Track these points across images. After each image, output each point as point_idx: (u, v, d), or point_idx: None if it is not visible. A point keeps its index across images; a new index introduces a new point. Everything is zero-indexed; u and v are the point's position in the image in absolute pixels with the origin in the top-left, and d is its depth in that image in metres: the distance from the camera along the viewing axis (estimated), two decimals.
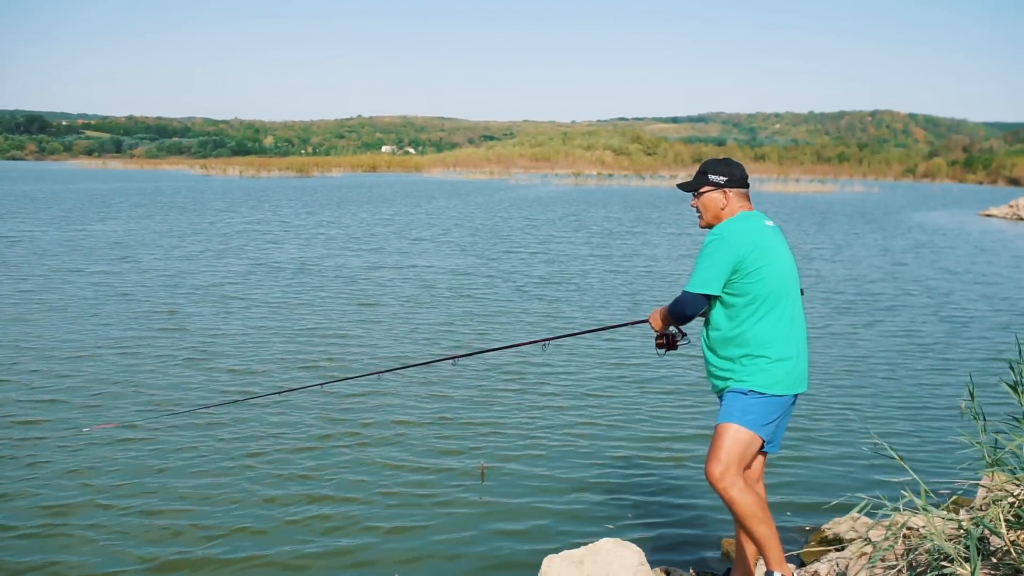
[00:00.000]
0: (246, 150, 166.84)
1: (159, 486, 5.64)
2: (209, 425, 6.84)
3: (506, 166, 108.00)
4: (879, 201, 52.66)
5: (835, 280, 15.93)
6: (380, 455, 6.30)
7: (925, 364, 9.43)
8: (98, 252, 17.85)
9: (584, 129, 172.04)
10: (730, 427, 3.56)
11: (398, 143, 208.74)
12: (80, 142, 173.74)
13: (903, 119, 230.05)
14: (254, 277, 14.80)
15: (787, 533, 4.90)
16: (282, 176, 78.61)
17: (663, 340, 3.99)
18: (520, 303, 12.72)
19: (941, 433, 6.92)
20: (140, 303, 12.04)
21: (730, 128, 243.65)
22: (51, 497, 5.43)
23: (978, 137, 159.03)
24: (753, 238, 3.58)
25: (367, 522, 5.21)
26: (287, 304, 12.22)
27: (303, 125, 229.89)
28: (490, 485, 5.81)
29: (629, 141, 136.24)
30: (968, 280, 16.49)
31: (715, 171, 3.76)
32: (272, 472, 5.92)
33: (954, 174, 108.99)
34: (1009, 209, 39.84)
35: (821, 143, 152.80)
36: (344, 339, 10.08)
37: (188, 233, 22.59)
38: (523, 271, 16.28)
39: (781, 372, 3.56)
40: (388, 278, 15.06)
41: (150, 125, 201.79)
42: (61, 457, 6.08)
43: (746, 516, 3.51)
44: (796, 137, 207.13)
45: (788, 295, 3.63)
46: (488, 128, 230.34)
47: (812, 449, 6.58)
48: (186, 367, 8.63)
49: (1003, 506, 3.34)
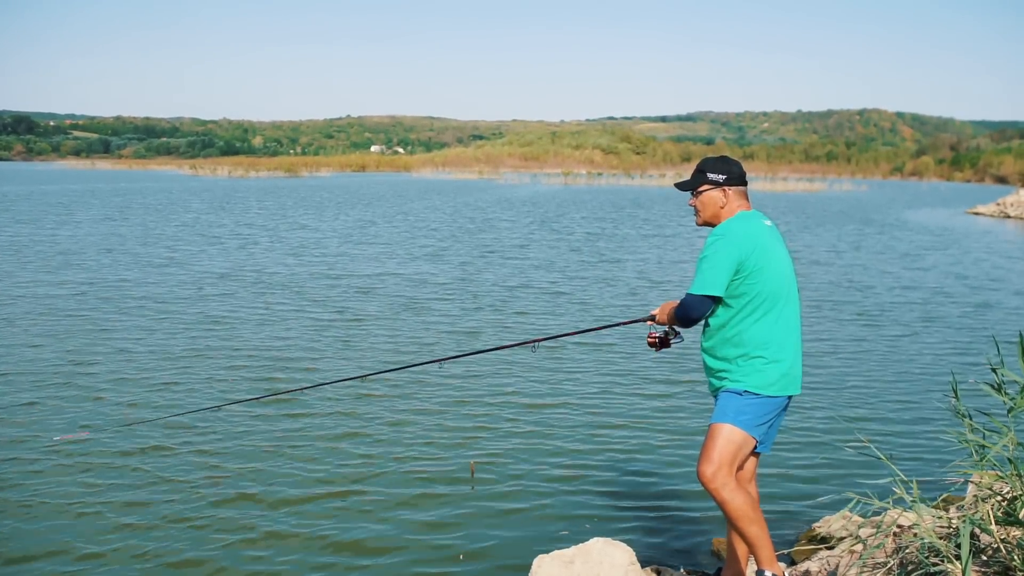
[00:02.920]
0: (235, 150, 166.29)
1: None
2: (191, 432, 6.80)
3: (495, 166, 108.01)
4: (867, 200, 52.86)
5: (823, 280, 15.98)
6: (368, 455, 6.28)
7: (914, 363, 9.46)
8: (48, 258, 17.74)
9: (573, 128, 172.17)
10: (724, 427, 3.54)
11: (387, 143, 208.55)
12: (68, 142, 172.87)
13: (891, 118, 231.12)
14: (211, 286, 14.73)
15: (778, 532, 4.90)
16: (271, 176, 78.39)
17: (655, 338, 3.96)
18: (511, 305, 12.71)
19: (931, 432, 6.94)
20: (65, 315, 11.96)
21: (719, 127, 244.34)
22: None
23: (965, 135, 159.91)
24: (755, 238, 3.56)
25: (355, 521, 5.19)
26: (270, 307, 12.18)
27: (292, 125, 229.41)
28: (480, 485, 5.79)
29: (618, 140, 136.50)
30: (956, 279, 16.55)
31: (714, 169, 3.74)
32: (258, 475, 5.90)
33: (941, 172, 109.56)
34: (996, 207, 40.07)
35: (809, 142, 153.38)
36: (309, 348, 10.05)
37: (146, 239, 22.47)
38: (515, 273, 16.27)
39: (777, 373, 3.55)
40: (378, 284, 15.02)
41: (138, 125, 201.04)
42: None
43: (737, 516, 3.50)
44: (784, 136, 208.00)
45: (786, 296, 3.61)
46: (477, 128, 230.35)
47: (802, 448, 6.59)
48: (141, 379, 8.58)
49: (992, 504, 3.34)
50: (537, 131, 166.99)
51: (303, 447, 6.43)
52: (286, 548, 4.86)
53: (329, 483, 5.77)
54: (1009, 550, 3.08)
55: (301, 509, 5.36)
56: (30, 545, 4.80)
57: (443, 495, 5.62)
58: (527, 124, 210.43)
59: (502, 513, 5.37)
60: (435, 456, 6.31)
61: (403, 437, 6.69)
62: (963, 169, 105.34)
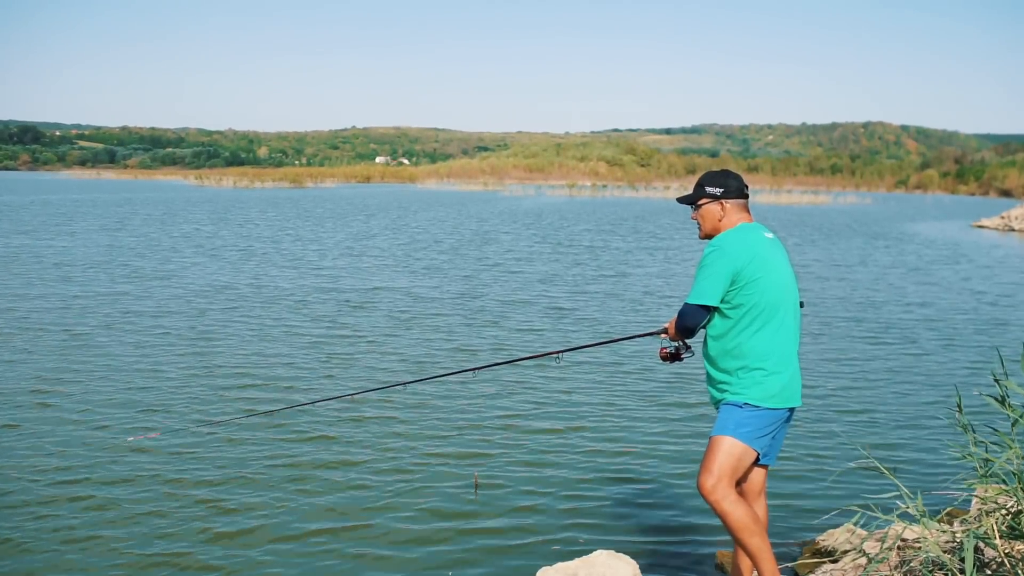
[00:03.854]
0: (240, 161, 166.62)
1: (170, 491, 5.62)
2: (189, 443, 6.82)
3: (500, 177, 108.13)
4: (872, 213, 52.83)
5: (826, 293, 15.97)
6: (372, 466, 6.28)
7: (920, 377, 9.44)
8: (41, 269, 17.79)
9: (578, 140, 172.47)
10: (724, 440, 3.56)
11: (392, 154, 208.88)
12: (73, 152, 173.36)
13: (895, 130, 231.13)
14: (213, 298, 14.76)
15: (781, 545, 4.89)
16: (276, 187, 78.58)
17: (667, 353, 4.00)
18: (526, 318, 12.72)
19: (935, 446, 6.93)
20: (38, 328, 11.98)
21: (723, 139, 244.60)
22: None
23: (970, 149, 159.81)
24: (751, 249, 3.59)
25: (358, 533, 5.19)
26: (255, 320, 12.19)
27: (297, 136, 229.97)
28: (484, 497, 5.79)
29: (623, 152, 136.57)
30: (961, 292, 16.53)
31: (712, 183, 3.80)
32: (261, 483, 5.90)
33: (946, 185, 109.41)
34: (1001, 220, 40.01)
35: (814, 154, 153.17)
36: (323, 358, 10.06)
37: (141, 250, 22.54)
38: (521, 287, 16.29)
39: (777, 386, 3.57)
40: (385, 297, 15.04)
41: (144, 135, 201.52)
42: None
43: (738, 528, 3.51)
44: (789, 148, 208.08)
45: (786, 307, 3.64)
46: (482, 139, 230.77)
47: (805, 461, 6.58)
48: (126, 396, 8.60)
49: (996, 517, 3.34)
50: (542, 143, 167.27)
51: (302, 459, 6.44)
52: (284, 561, 4.86)
53: (330, 495, 5.77)
54: (1013, 564, 3.08)
55: (300, 522, 5.36)
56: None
57: (447, 507, 5.62)
58: (532, 136, 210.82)
59: (506, 525, 5.37)
60: (439, 468, 6.31)
61: (407, 448, 6.69)
62: (968, 182, 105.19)
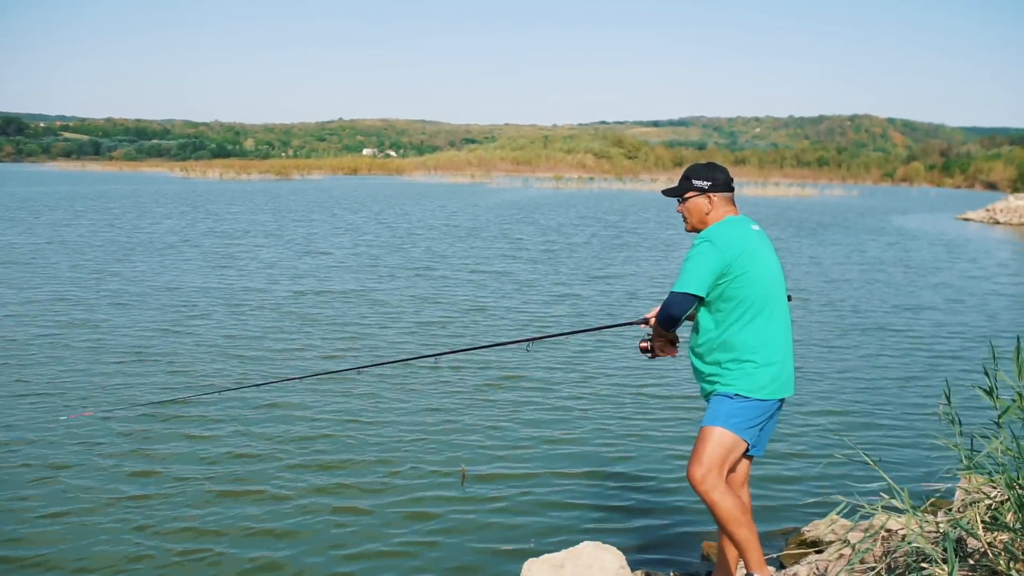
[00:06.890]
0: (226, 152, 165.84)
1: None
2: (175, 424, 6.79)
3: (487, 169, 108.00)
4: (859, 205, 53.04)
5: (814, 286, 16.02)
6: (359, 458, 6.27)
7: (905, 369, 9.49)
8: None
9: (565, 133, 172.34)
10: (714, 430, 3.56)
11: (379, 146, 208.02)
12: (58, 144, 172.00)
13: (882, 123, 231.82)
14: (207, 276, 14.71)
15: (767, 535, 4.91)
16: (262, 179, 78.25)
17: (647, 344, 3.96)
18: (506, 302, 12.72)
19: (920, 437, 6.97)
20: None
21: (710, 132, 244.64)
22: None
23: (956, 142, 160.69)
24: (740, 243, 3.59)
25: (345, 525, 5.19)
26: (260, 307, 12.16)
27: (284, 128, 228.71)
28: (471, 489, 5.80)
29: (610, 145, 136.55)
30: (946, 284, 16.62)
31: (699, 176, 3.80)
32: (245, 475, 5.88)
33: (932, 178, 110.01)
34: (986, 213, 40.25)
35: (801, 147, 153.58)
36: (303, 338, 10.04)
37: (105, 245, 22.41)
38: (514, 272, 16.29)
39: (767, 377, 3.57)
40: (379, 285, 15.01)
41: (129, 127, 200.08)
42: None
43: (727, 519, 3.52)
44: (776, 141, 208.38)
45: (774, 300, 3.64)
46: (469, 131, 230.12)
47: (791, 452, 6.61)
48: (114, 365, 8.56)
49: (980, 508, 3.36)
50: (529, 135, 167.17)
51: (287, 450, 6.42)
52: (269, 555, 4.85)
53: (317, 488, 5.76)
54: (996, 554, 3.10)
55: (285, 514, 5.35)
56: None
57: (434, 499, 5.61)
58: (519, 128, 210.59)
59: (492, 518, 5.37)
60: (426, 460, 6.30)
61: (393, 442, 6.69)
62: (953, 175, 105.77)
